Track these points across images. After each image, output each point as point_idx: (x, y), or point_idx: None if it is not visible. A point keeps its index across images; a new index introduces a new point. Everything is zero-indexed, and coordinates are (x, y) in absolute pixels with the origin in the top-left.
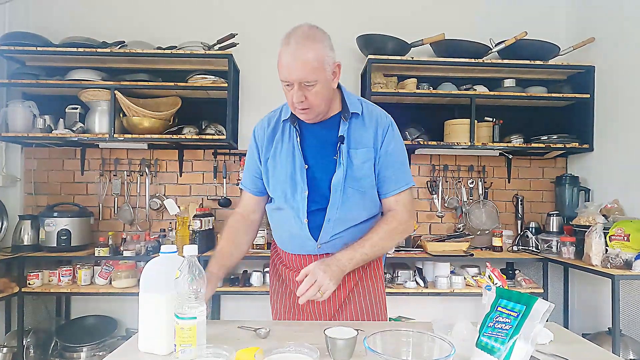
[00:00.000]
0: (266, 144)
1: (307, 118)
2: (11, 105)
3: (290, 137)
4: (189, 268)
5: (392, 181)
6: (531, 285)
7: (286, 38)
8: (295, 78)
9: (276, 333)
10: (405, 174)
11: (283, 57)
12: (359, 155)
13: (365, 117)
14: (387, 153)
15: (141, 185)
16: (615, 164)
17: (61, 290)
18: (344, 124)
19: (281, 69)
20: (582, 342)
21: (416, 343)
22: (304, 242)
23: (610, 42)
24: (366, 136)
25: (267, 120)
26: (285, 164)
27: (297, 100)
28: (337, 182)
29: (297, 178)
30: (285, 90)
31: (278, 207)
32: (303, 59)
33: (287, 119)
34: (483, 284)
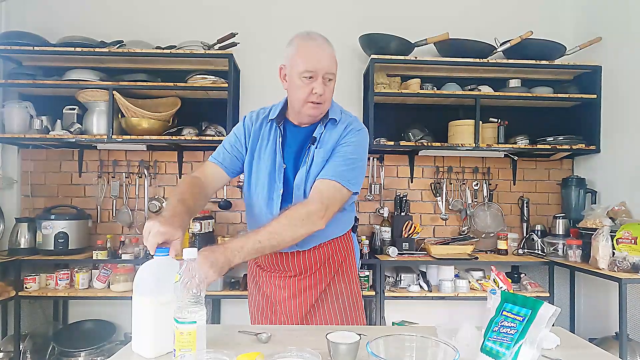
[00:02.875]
0: (252, 137)
1: (316, 114)
2: (8, 106)
3: (275, 136)
4: (188, 271)
5: (325, 169)
6: (537, 289)
7: (306, 35)
8: (323, 67)
9: (278, 338)
10: (344, 171)
11: (309, 48)
12: (320, 154)
13: (339, 124)
14: (338, 148)
15: (140, 187)
16: (622, 165)
17: (58, 294)
18: (320, 127)
19: (307, 59)
20: (589, 347)
21: (420, 348)
22: None
23: (617, 41)
24: (332, 138)
25: (256, 115)
26: (266, 162)
27: (321, 92)
28: (299, 180)
29: (275, 176)
30: (300, 84)
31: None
32: (329, 51)
33: (273, 119)
34: (488, 288)
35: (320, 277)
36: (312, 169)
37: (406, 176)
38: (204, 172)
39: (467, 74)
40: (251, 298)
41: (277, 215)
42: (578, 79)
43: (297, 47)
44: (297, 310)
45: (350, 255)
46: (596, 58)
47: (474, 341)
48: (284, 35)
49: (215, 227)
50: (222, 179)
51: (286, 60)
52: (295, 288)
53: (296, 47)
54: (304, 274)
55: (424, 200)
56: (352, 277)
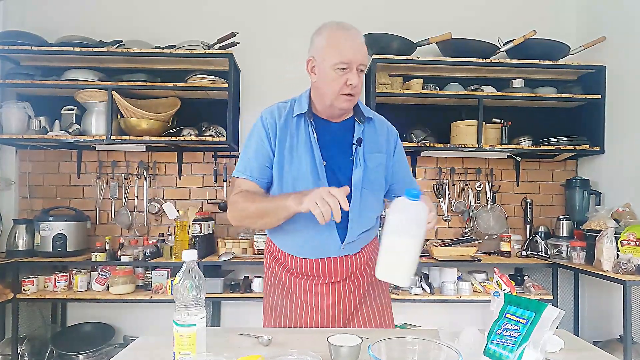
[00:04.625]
0: (279, 135)
1: (349, 107)
2: (5, 106)
3: (307, 132)
4: (188, 273)
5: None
6: (540, 292)
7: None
8: (358, 58)
9: (278, 340)
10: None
11: (342, 39)
12: (373, 158)
13: (376, 123)
14: (400, 160)
15: (139, 188)
16: (626, 166)
17: (57, 297)
18: (359, 126)
19: (341, 50)
20: (593, 350)
21: (422, 351)
22: (327, 242)
23: (621, 41)
24: (379, 141)
25: (277, 111)
26: (305, 160)
27: (356, 83)
28: (357, 181)
29: (317, 174)
30: (333, 76)
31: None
32: (361, 41)
33: (302, 114)
34: (491, 290)
35: (361, 281)
36: (369, 173)
37: None
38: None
39: (470, 74)
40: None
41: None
42: (582, 79)
43: (328, 38)
44: (340, 316)
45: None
46: (600, 58)
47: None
48: (284, 35)
49: (216, 228)
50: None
51: (315, 52)
52: (337, 294)
53: (327, 38)
54: (345, 280)
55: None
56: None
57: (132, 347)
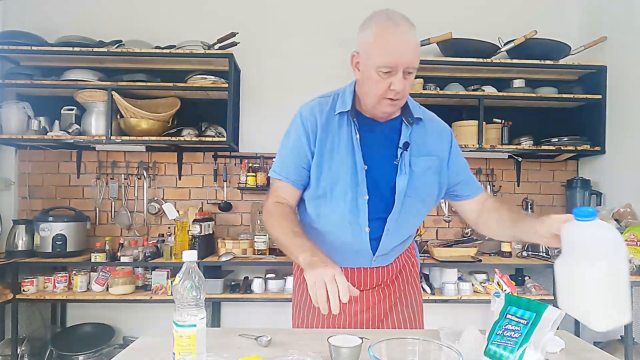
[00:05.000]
0: (320, 134)
1: (391, 112)
2: (5, 106)
3: (349, 132)
4: (188, 274)
5: (472, 182)
6: (541, 292)
7: (388, 19)
8: (405, 61)
9: (278, 341)
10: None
11: (389, 37)
12: (421, 162)
13: (426, 123)
14: (457, 160)
15: (139, 188)
16: (627, 166)
17: (56, 297)
18: (407, 129)
19: (386, 51)
20: (594, 351)
21: (423, 351)
22: (358, 253)
23: (622, 41)
24: (429, 144)
25: (318, 107)
26: (345, 164)
27: (400, 88)
28: (401, 189)
29: (357, 179)
30: (377, 79)
31: (330, 211)
32: (413, 41)
33: (345, 112)
34: (492, 291)
35: (391, 289)
36: (414, 179)
37: None
38: (282, 197)
39: (471, 74)
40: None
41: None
42: (583, 79)
43: (375, 34)
44: (369, 323)
45: (416, 263)
46: (601, 58)
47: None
48: (284, 35)
49: (216, 229)
50: (298, 196)
51: (360, 47)
52: (366, 302)
53: (374, 34)
54: (375, 288)
55: None
56: (416, 284)
57: (132, 347)
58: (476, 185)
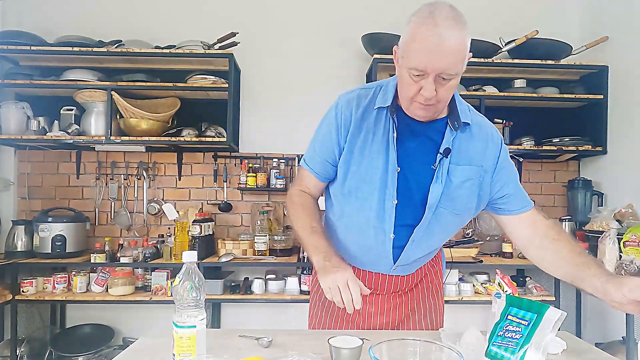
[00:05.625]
0: (353, 129)
1: (424, 115)
2: (4, 107)
3: (386, 130)
4: (188, 275)
5: (520, 197)
6: (542, 293)
7: (428, 15)
8: (436, 68)
9: (279, 342)
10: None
11: (424, 39)
12: (460, 172)
13: (473, 128)
14: (506, 169)
15: (139, 189)
16: (629, 167)
17: (56, 298)
18: (451, 133)
19: (418, 53)
20: (595, 352)
21: (423, 353)
22: (379, 259)
23: (624, 41)
24: (473, 152)
25: (356, 100)
26: (376, 161)
27: (429, 95)
28: (434, 199)
29: (387, 181)
30: (408, 80)
31: (355, 211)
32: (452, 45)
33: (384, 107)
34: (493, 292)
35: (412, 295)
36: (451, 190)
37: None
38: (306, 186)
39: (472, 74)
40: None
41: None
42: (584, 79)
43: (411, 32)
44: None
45: (440, 268)
46: (603, 58)
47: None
48: (284, 35)
49: (216, 229)
50: (323, 188)
51: (401, 43)
52: (383, 305)
53: (411, 32)
54: (394, 294)
55: None
56: (439, 289)
57: (132, 348)
58: (525, 200)
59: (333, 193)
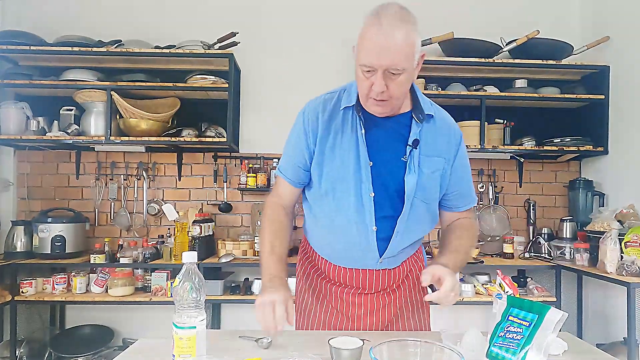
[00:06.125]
0: (321, 132)
1: (380, 112)
2: (3, 107)
3: (354, 127)
4: (188, 275)
5: (466, 196)
6: (543, 294)
7: (375, 16)
8: (382, 64)
9: (279, 343)
10: (473, 189)
11: (371, 37)
12: (430, 163)
13: (437, 121)
14: (461, 165)
15: (138, 189)
16: (630, 167)
17: (55, 299)
18: (417, 126)
19: (366, 51)
20: (597, 353)
21: (424, 353)
22: (365, 254)
23: (625, 41)
24: (439, 143)
25: (322, 104)
26: (347, 159)
27: (379, 90)
28: (410, 189)
29: (361, 176)
30: (361, 77)
31: (334, 210)
32: (397, 41)
33: (350, 107)
34: (494, 292)
35: (398, 293)
36: (423, 179)
37: None
38: (280, 195)
39: (473, 74)
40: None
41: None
42: (585, 79)
43: (362, 31)
44: (374, 327)
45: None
46: (604, 58)
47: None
48: (284, 35)
49: (216, 230)
50: (298, 194)
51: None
52: (371, 305)
53: (361, 31)
54: (381, 292)
55: None
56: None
57: (132, 349)
58: (470, 198)
59: (311, 198)
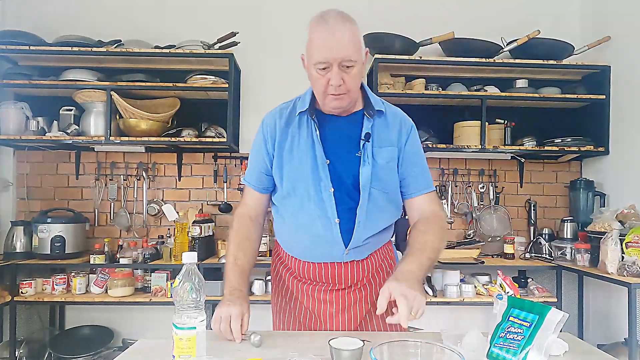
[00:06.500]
0: (279, 137)
1: (339, 106)
2: (3, 107)
3: (309, 129)
4: (188, 276)
5: (420, 181)
6: (544, 294)
7: (319, 18)
8: (336, 56)
9: (279, 343)
10: (430, 176)
11: (320, 35)
12: (383, 153)
13: (388, 116)
14: (412, 152)
15: (138, 190)
16: (631, 167)
17: (55, 299)
18: (368, 121)
19: (318, 49)
20: (598, 354)
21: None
22: (331, 246)
23: (626, 40)
24: (391, 135)
25: (278, 112)
26: (305, 159)
27: (337, 83)
28: (365, 180)
29: (319, 174)
30: (316, 76)
31: (297, 208)
32: (345, 36)
33: (304, 111)
34: (494, 293)
35: (369, 289)
36: (378, 170)
37: None
38: (247, 204)
39: (473, 74)
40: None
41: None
42: (586, 79)
43: (309, 33)
44: (346, 326)
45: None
46: (605, 58)
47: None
48: (286, 34)
49: (216, 230)
50: (266, 200)
51: (305, 48)
52: (343, 302)
53: (309, 33)
54: (352, 287)
55: None
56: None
57: (131, 350)
58: (424, 183)
59: (276, 200)
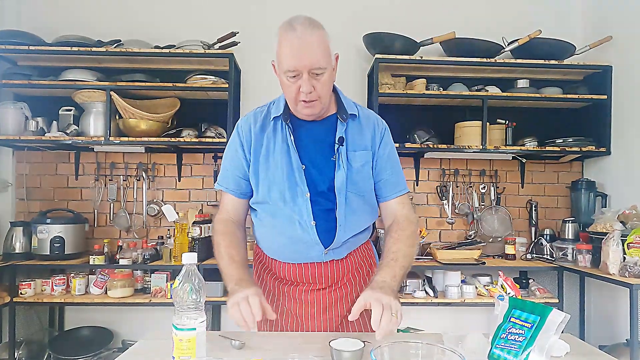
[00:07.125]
0: (254, 142)
1: (312, 113)
2: (2, 107)
3: (284, 135)
4: (188, 277)
5: (393, 183)
6: (546, 295)
7: (287, 25)
8: (306, 64)
9: (279, 344)
10: (403, 178)
11: (289, 43)
12: (358, 157)
13: (361, 119)
14: (385, 155)
15: (138, 190)
16: (633, 168)
17: (54, 300)
18: (342, 125)
19: (287, 57)
20: (599, 355)
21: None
22: (310, 247)
23: (628, 40)
24: (365, 138)
25: (253, 117)
26: (280, 164)
27: (307, 90)
28: (340, 184)
29: (295, 179)
30: (287, 83)
31: (274, 212)
32: (313, 43)
33: (278, 116)
34: (495, 294)
35: (349, 288)
36: (353, 174)
37: (411, 179)
38: (227, 210)
39: (474, 74)
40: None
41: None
42: (588, 79)
43: (278, 42)
44: (327, 326)
45: (374, 264)
46: (606, 57)
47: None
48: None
49: None
50: (245, 205)
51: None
52: (324, 302)
53: (278, 42)
54: (332, 287)
55: (429, 204)
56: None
57: (131, 351)
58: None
59: (254, 204)
